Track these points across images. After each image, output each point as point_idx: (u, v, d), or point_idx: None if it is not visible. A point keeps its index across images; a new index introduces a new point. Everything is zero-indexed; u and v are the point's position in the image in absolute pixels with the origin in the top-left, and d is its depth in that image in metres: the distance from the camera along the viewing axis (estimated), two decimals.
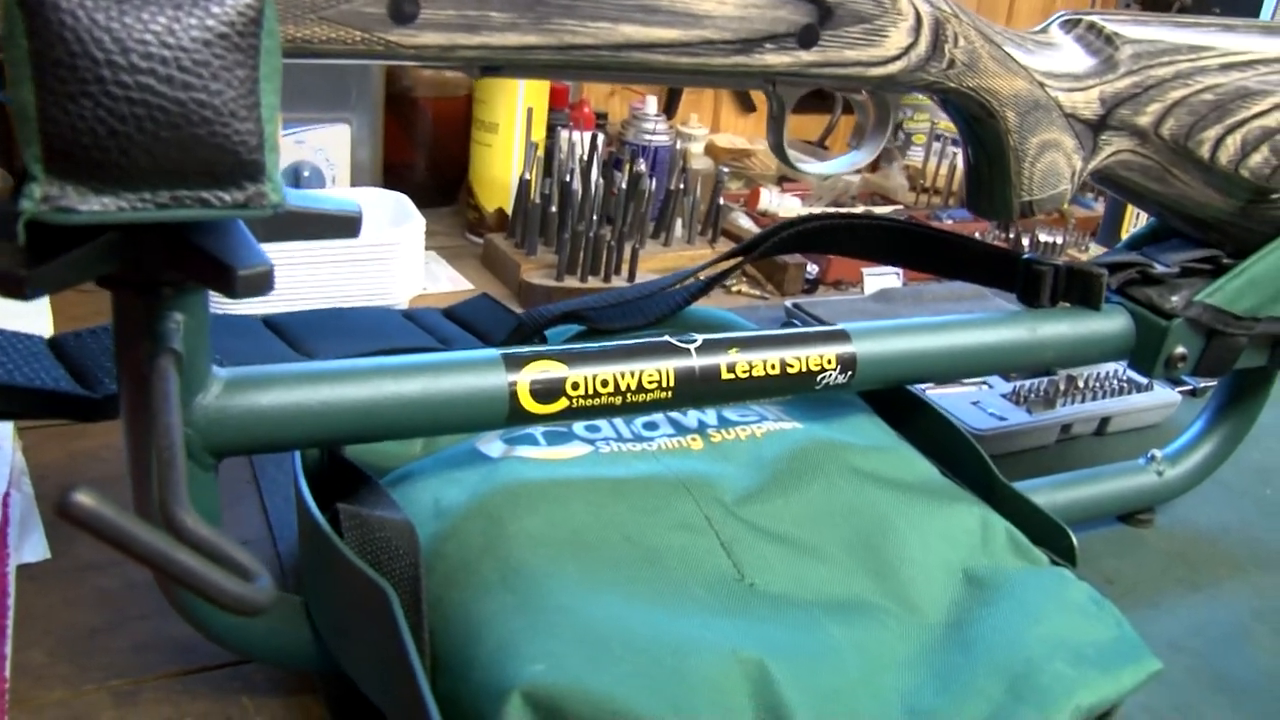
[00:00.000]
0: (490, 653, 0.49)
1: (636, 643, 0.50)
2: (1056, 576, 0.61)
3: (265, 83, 0.40)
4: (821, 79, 0.58)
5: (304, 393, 0.53)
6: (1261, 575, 0.86)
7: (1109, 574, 0.83)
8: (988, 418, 0.98)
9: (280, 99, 0.42)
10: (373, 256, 1.03)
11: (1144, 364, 0.79)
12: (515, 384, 0.56)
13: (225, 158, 0.40)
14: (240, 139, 0.40)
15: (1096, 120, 0.69)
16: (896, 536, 0.61)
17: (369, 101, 1.21)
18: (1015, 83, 0.65)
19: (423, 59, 0.49)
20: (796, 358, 0.64)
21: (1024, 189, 0.68)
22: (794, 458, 0.66)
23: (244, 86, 0.40)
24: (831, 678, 0.51)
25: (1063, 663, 0.53)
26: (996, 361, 0.73)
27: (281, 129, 1.14)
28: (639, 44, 0.52)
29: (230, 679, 0.62)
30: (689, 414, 0.70)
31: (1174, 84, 0.70)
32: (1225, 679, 0.73)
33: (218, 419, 0.51)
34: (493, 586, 0.53)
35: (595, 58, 0.51)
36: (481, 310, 0.78)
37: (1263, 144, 0.73)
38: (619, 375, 0.59)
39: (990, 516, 0.65)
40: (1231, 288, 0.77)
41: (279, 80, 0.41)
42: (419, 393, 0.55)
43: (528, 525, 0.56)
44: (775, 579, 0.58)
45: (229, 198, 0.41)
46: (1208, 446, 0.90)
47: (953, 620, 0.58)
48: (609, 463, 0.63)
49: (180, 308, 0.48)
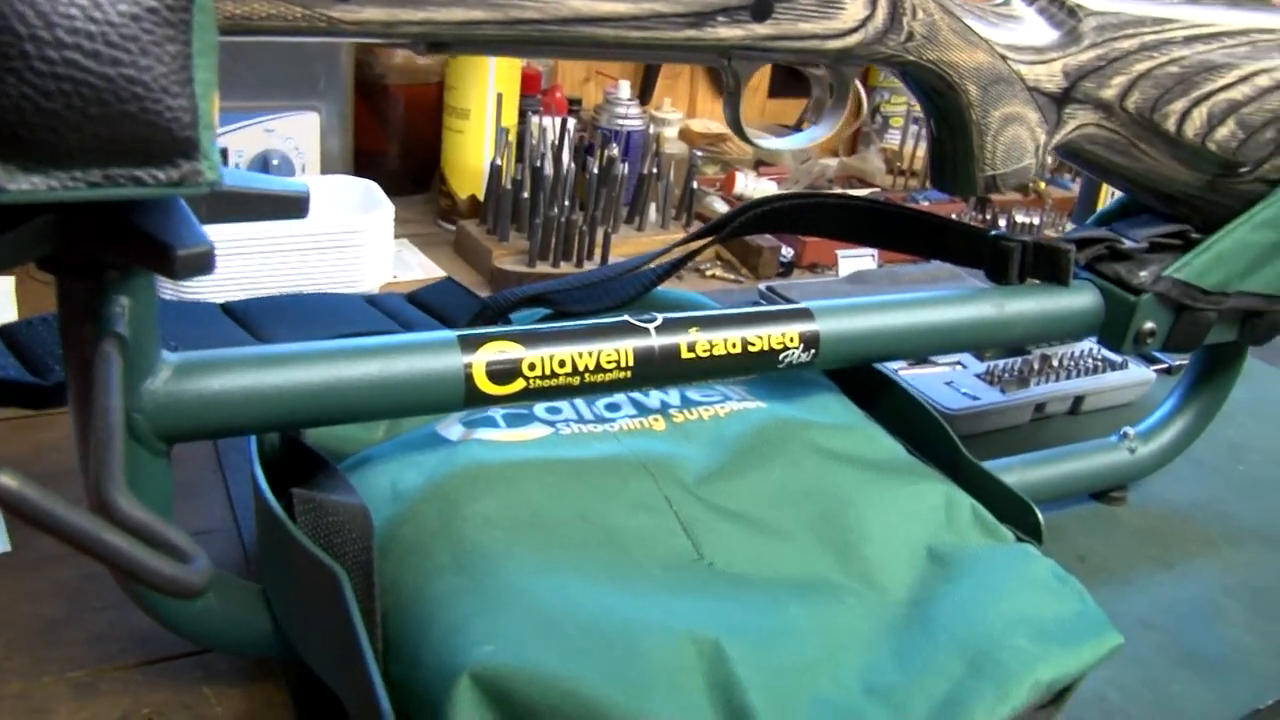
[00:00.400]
0: (441, 635, 0.49)
1: (589, 622, 0.49)
2: (1021, 553, 0.60)
3: (199, 59, 0.40)
4: (777, 53, 0.58)
5: (256, 377, 0.52)
6: (1233, 551, 0.86)
7: (1081, 552, 0.83)
8: (961, 397, 0.97)
9: (217, 76, 0.41)
10: (341, 244, 1.02)
11: (1113, 339, 0.78)
12: (471, 365, 0.56)
13: (158, 135, 0.39)
14: (173, 115, 0.39)
15: (1060, 93, 0.68)
16: (859, 515, 0.61)
17: (338, 89, 1.20)
18: (976, 56, 0.64)
19: (366, 35, 0.48)
20: (758, 336, 0.63)
21: (987, 163, 0.67)
22: (756, 437, 0.65)
23: (175, 62, 0.39)
24: (788, 656, 0.51)
25: (1023, 638, 0.53)
26: (963, 339, 0.73)
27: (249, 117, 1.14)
28: (587, 18, 0.51)
29: (191, 668, 0.62)
30: (652, 394, 0.70)
31: (1138, 56, 0.69)
32: (1195, 654, 0.73)
33: (167, 404, 0.50)
34: (445, 569, 0.52)
35: (543, 32, 0.50)
36: (445, 294, 0.78)
37: (1229, 117, 0.73)
38: (576, 356, 0.58)
39: (955, 494, 0.65)
40: (1200, 262, 0.77)
41: (214, 57, 0.41)
42: (373, 375, 0.54)
43: (482, 507, 0.56)
44: (735, 558, 0.58)
45: (163, 176, 0.40)
46: (1180, 423, 0.90)
47: (915, 598, 0.57)
48: (569, 444, 0.63)
49: (125, 291, 0.47)
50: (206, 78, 0.40)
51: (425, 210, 1.39)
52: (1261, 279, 0.78)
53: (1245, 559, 0.85)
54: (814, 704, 0.48)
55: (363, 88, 1.32)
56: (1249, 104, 0.73)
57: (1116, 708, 0.67)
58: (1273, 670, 0.73)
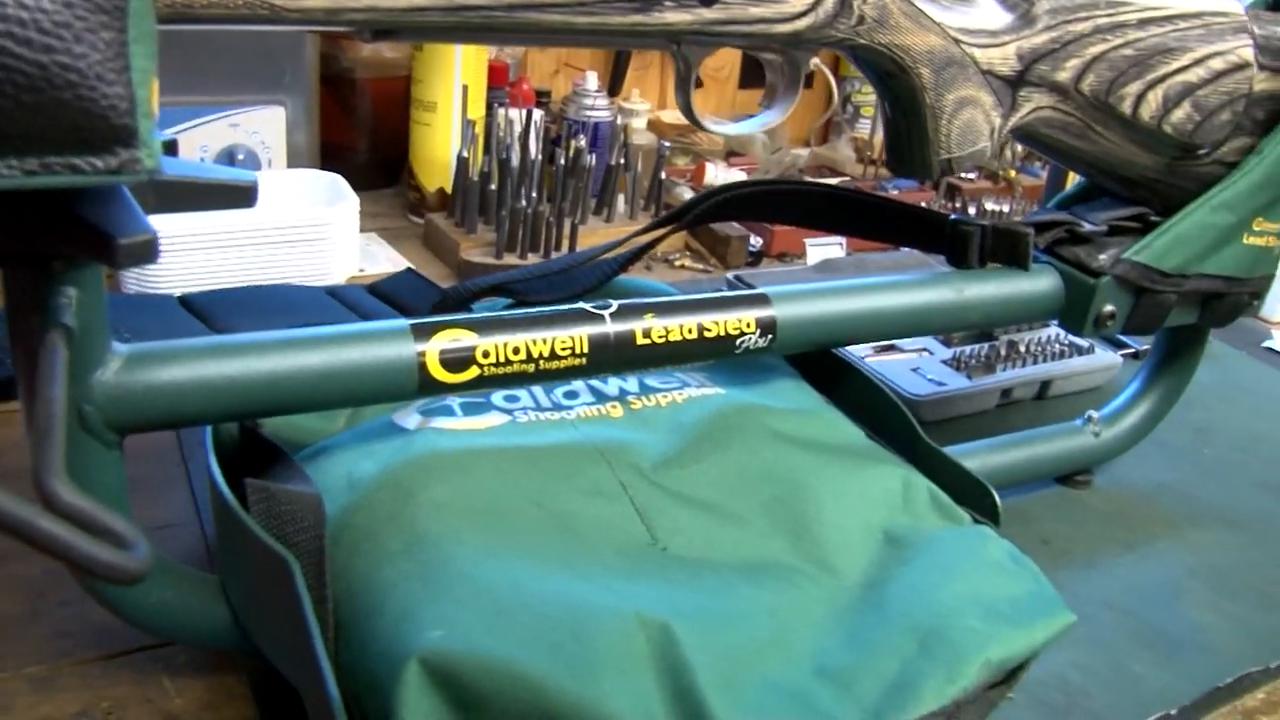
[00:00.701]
0: (390, 621, 0.49)
1: (538, 607, 0.49)
2: (976, 535, 0.61)
3: (135, 45, 0.39)
4: (726, 38, 0.58)
5: (207, 367, 0.52)
6: (1196, 533, 0.86)
7: (1045, 535, 0.84)
8: (927, 383, 0.98)
9: (156, 64, 0.41)
10: (306, 237, 1.02)
11: (1073, 322, 0.78)
12: (424, 354, 0.56)
13: (94, 123, 0.39)
14: (109, 103, 0.39)
15: (1014, 76, 0.68)
16: (815, 498, 0.61)
17: (303, 83, 1.20)
18: (929, 39, 0.64)
19: (310, 23, 0.48)
20: (714, 322, 0.63)
21: (942, 146, 0.67)
22: (714, 422, 0.65)
23: (111, 49, 0.39)
24: (739, 639, 0.51)
25: (975, 618, 0.53)
26: (922, 323, 0.73)
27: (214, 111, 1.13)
28: (533, 3, 0.51)
29: (151, 662, 0.61)
30: (610, 382, 0.70)
31: (1092, 39, 0.70)
32: (1158, 634, 0.74)
33: (117, 395, 0.50)
34: (396, 555, 0.52)
35: (488, 18, 0.50)
36: (406, 285, 0.78)
37: (1184, 100, 0.73)
38: (531, 343, 0.58)
39: (913, 477, 0.65)
40: (1159, 245, 0.77)
41: (152, 44, 0.40)
42: (326, 364, 0.54)
43: (435, 494, 0.56)
44: (689, 543, 0.58)
45: (101, 164, 0.40)
46: (1144, 407, 0.91)
47: (870, 580, 0.58)
48: (525, 432, 0.63)
49: (72, 282, 0.47)
50: (144, 65, 0.40)
51: (394, 204, 1.39)
52: (1220, 261, 0.79)
53: (1208, 540, 0.86)
54: (763, 686, 0.49)
55: (330, 81, 1.32)
56: (1204, 86, 0.73)
57: (1078, 688, 0.68)
58: (1233, 649, 0.73)
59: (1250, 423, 1.06)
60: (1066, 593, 0.75)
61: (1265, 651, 0.73)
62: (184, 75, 1.11)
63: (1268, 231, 0.80)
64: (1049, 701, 0.66)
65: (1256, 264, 0.81)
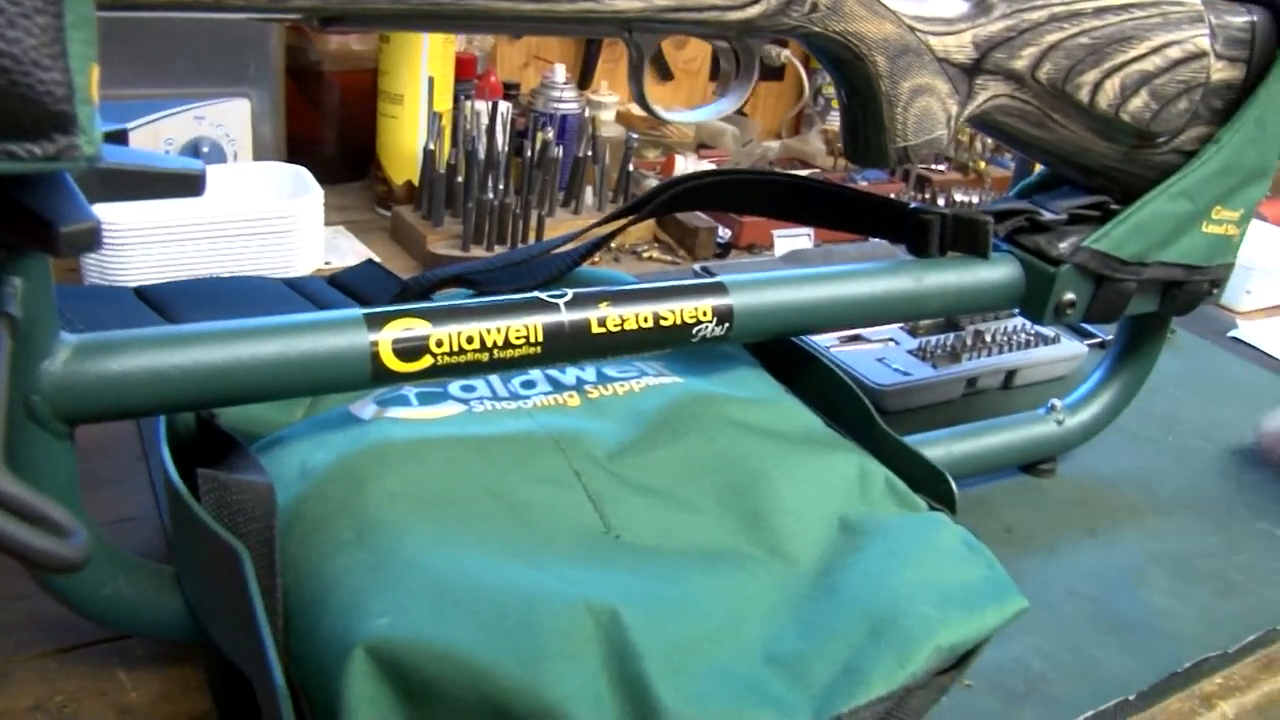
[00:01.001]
0: (338, 609, 0.49)
1: (486, 595, 0.49)
2: (931, 521, 0.61)
3: (72, 31, 0.39)
4: (678, 24, 0.57)
5: (157, 357, 0.52)
6: (1158, 519, 0.87)
7: (1009, 523, 0.84)
8: (892, 373, 0.98)
9: (96, 50, 0.41)
10: (271, 229, 1.02)
11: (1033, 311, 0.79)
12: (377, 343, 0.56)
13: (30, 109, 0.39)
14: (45, 89, 0.39)
15: (970, 64, 0.68)
16: (770, 486, 0.61)
17: (268, 75, 1.19)
18: (883, 27, 0.64)
19: (253, 10, 0.47)
20: (671, 311, 0.63)
21: (898, 134, 0.67)
22: (671, 411, 0.65)
23: (46, 35, 0.38)
24: (689, 626, 0.51)
25: (926, 604, 0.53)
26: (881, 311, 0.73)
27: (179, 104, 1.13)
28: None
29: (107, 655, 0.61)
30: (568, 371, 0.69)
31: (1048, 27, 0.70)
32: (1118, 620, 0.74)
33: (66, 385, 0.50)
34: (346, 544, 0.52)
35: (435, 6, 0.50)
36: (366, 276, 0.78)
37: (1141, 88, 0.73)
38: (485, 332, 0.58)
39: (869, 464, 0.65)
40: (1118, 233, 0.77)
41: (90, 30, 0.40)
42: (278, 354, 0.54)
43: (387, 483, 0.56)
44: (642, 531, 0.58)
45: (38, 150, 0.39)
46: (1107, 395, 0.91)
47: (824, 567, 0.58)
48: (480, 421, 0.63)
49: (17, 271, 0.46)
50: (82, 51, 0.40)
51: (362, 197, 1.38)
52: (1179, 249, 0.79)
53: (1170, 526, 0.86)
54: (713, 672, 0.49)
55: (298, 75, 1.31)
56: (1161, 75, 0.74)
57: (1038, 674, 0.68)
58: (1193, 634, 0.74)
59: (1214, 411, 1.07)
60: (1028, 580, 0.76)
61: (1224, 637, 0.74)
62: (147, 68, 1.10)
63: (1226, 220, 0.80)
64: (1008, 687, 0.67)
65: (1215, 252, 0.81)
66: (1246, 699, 0.70)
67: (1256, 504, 0.91)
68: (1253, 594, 0.79)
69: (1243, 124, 0.77)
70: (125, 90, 1.10)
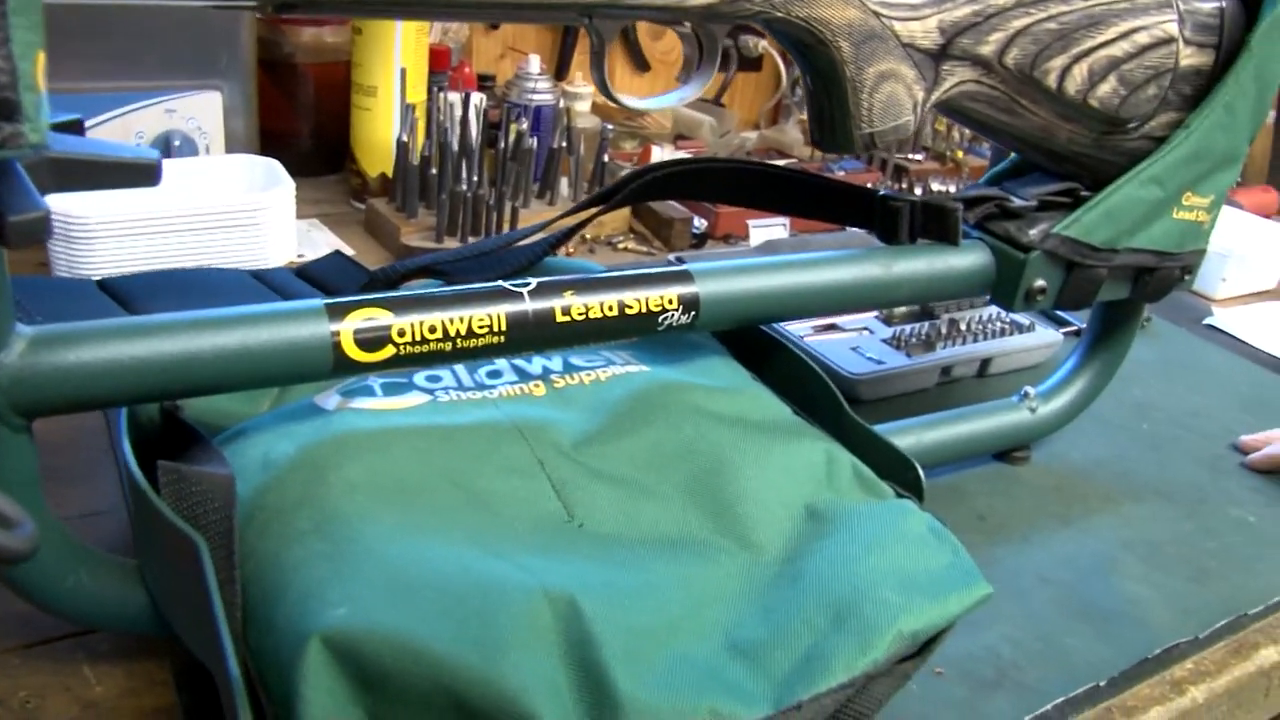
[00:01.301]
0: (295, 600, 0.48)
1: (444, 584, 0.49)
2: (897, 508, 0.61)
3: (14, 17, 0.39)
4: (640, 11, 0.57)
5: (115, 349, 0.51)
6: (1132, 506, 0.87)
7: (981, 511, 0.84)
8: (866, 362, 0.98)
9: (42, 36, 0.40)
10: (241, 222, 1.01)
11: (1004, 298, 0.79)
12: (339, 333, 0.55)
13: None
14: None
15: (937, 50, 0.68)
16: (736, 474, 0.61)
17: (240, 68, 1.18)
18: (847, 12, 0.64)
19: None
20: (636, 299, 0.63)
21: (864, 120, 0.67)
22: (637, 400, 0.65)
23: None
24: (649, 614, 0.50)
25: (889, 590, 0.53)
26: (849, 299, 0.73)
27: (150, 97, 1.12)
28: None
29: (73, 650, 0.61)
30: (534, 361, 0.69)
31: (1015, 12, 0.70)
32: (1090, 607, 0.74)
33: (22, 378, 0.49)
34: (305, 535, 0.52)
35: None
36: (334, 268, 0.77)
37: (1110, 74, 0.73)
38: (448, 321, 0.57)
39: (836, 452, 0.65)
40: (1088, 219, 0.77)
41: (35, 16, 0.40)
42: (238, 345, 0.54)
43: (348, 473, 0.55)
44: (605, 519, 0.57)
45: None
46: (1080, 382, 0.91)
47: (789, 555, 0.57)
48: (445, 411, 0.62)
49: None
50: (27, 38, 0.39)
51: (337, 190, 1.38)
52: (1150, 235, 0.79)
53: (1144, 514, 0.86)
54: (672, 660, 0.48)
55: (271, 67, 1.31)
56: (1129, 61, 0.74)
57: (1009, 661, 0.68)
58: (1165, 621, 0.74)
59: (1188, 398, 1.07)
60: (1001, 567, 0.76)
61: (1195, 623, 0.74)
62: (117, 61, 1.10)
63: (1197, 206, 0.80)
64: (979, 675, 0.67)
65: (1186, 238, 0.81)
66: (1217, 684, 0.70)
67: (1229, 491, 0.91)
68: (1225, 580, 0.79)
69: (1212, 110, 0.77)
70: (95, 83, 1.09)
